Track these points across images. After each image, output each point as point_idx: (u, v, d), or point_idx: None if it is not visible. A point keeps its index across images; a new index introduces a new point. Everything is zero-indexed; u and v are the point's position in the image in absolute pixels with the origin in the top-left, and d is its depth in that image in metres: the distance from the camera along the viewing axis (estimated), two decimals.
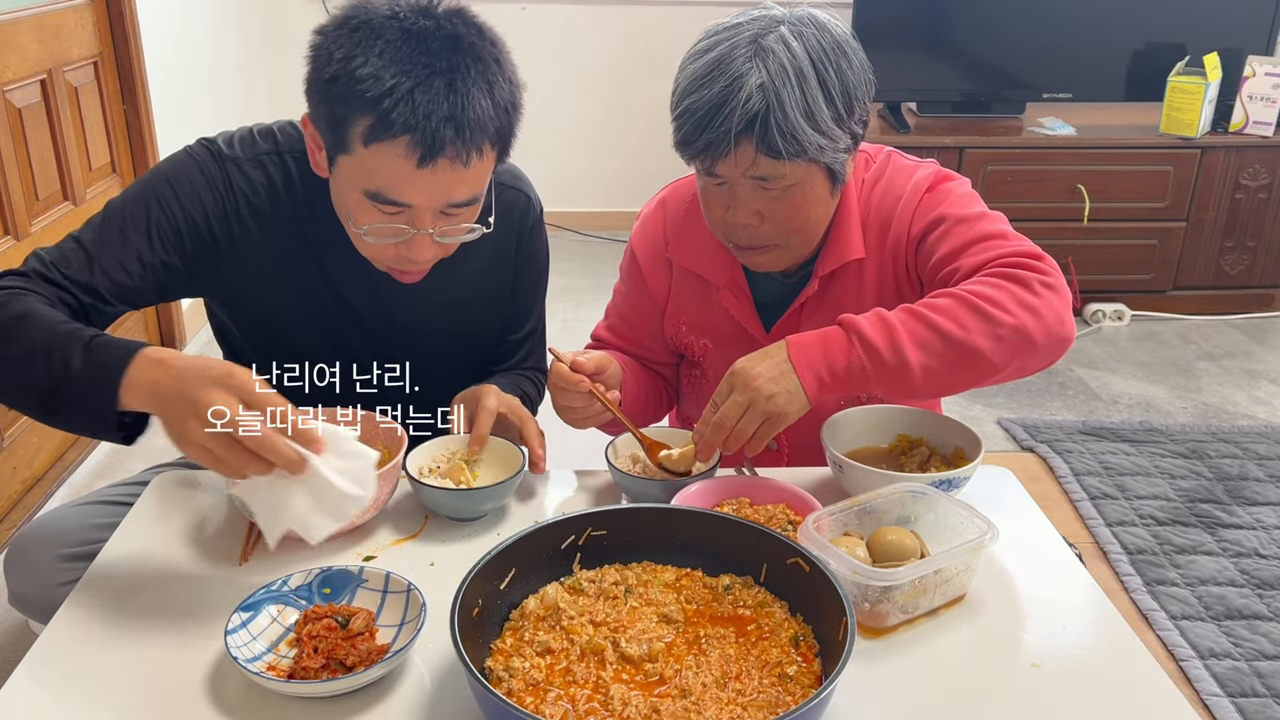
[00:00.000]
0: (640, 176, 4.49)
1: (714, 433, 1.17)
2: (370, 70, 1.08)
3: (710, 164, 1.25)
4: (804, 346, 1.17)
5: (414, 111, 1.07)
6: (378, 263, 1.24)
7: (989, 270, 1.21)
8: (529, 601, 0.99)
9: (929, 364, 1.15)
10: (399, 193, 1.13)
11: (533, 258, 1.46)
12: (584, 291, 3.74)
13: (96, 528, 1.27)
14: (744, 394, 1.15)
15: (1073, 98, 3.74)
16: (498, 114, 1.13)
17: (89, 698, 0.93)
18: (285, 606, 1.01)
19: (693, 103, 1.22)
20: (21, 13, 2.46)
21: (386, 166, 1.11)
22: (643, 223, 1.51)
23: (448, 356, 1.43)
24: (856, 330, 1.16)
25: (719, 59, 1.21)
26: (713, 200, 1.31)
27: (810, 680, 0.91)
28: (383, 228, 1.16)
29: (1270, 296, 3.84)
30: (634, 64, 4.32)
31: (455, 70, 1.09)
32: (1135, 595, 2.21)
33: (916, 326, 1.16)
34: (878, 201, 1.36)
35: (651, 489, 1.21)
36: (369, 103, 1.08)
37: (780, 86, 1.19)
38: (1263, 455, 2.79)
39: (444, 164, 1.10)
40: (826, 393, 1.17)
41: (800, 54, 1.20)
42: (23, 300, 1.12)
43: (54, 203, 2.60)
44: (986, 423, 2.99)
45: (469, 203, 1.17)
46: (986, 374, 1.18)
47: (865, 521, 1.11)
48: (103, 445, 2.71)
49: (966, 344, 1.15)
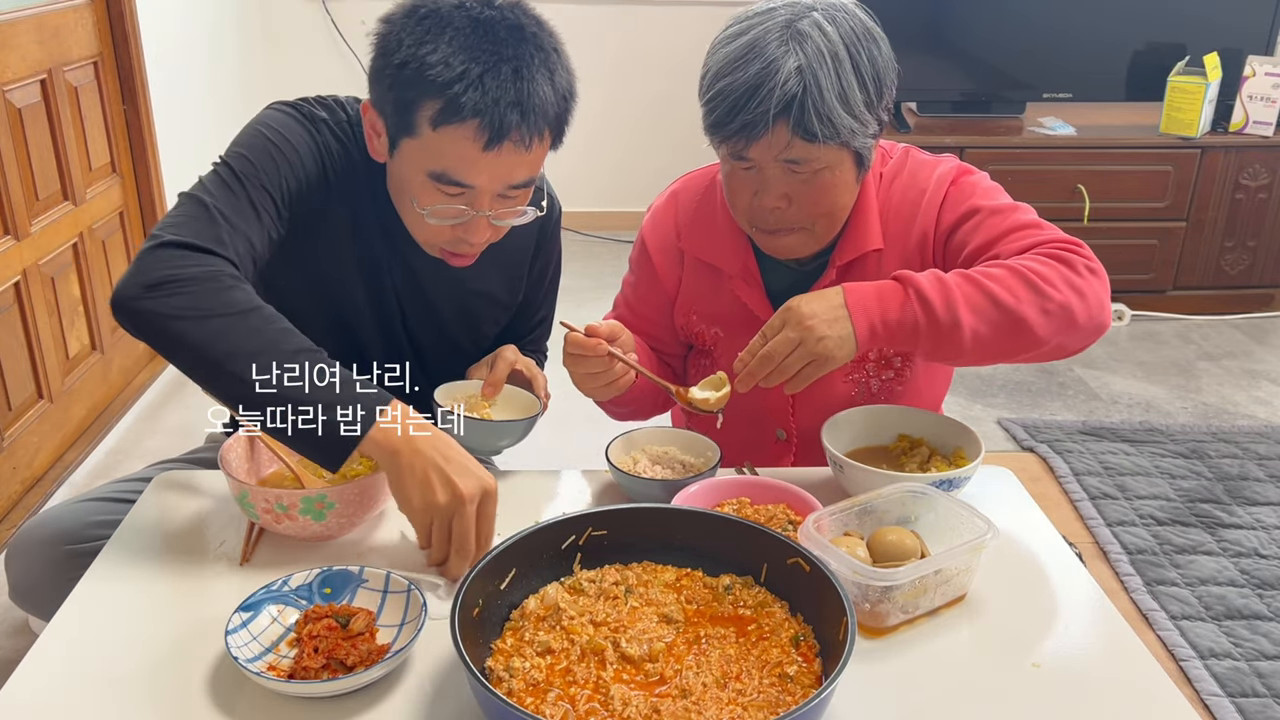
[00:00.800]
0: (640, 176, 4.50)
1: (760, 364, 1.17)
2: (440, 56, 1.13)
3: (743, 146, 1.24)
4: (860, 294, 1.19)
5: (483, 96, 1.13)
6: (431, 245, 1.29)
7: (1038, 251, 1.24)
8: (529, 601, 0.99)
9: (979, 328, 1.17)
10: (463, 174, 1.18)
11: (551, 255, 1.52)
12: (585, 291, 3.74)
13: (98, 524, 1.27)
14: (796, 331, 1.15)
15: (1073, 98, 3.74)
16: (558, 100, 1.19)
17: (89, 697, 0.93)
18: (285, 606, 1.01)
19: (727, 85, 1.22)
20: (21, 13, 2.46)
21: (454, 149, 1.16)
22: (654, 214, 1.51)
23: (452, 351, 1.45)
24: (914, 285, 1.18)
25: (753, 42, 1.22)
26: (739, 185, 1.31)
27: (810, 680, 0.91)
28: (444, 209, 1.21)
29: (1270, 296, 3.84)
30: (634, 64, 4.33)
31: (520, 58, 1.15)
32: (1135, 595, 2.21)
33: (971, 290, 1.18)
34: (899, 195, 1.37)
35: (651, 489, 1.21)
36: (439, 87, 1.13)
37: (817, 68, 1.20)
38: (1263, 455, 2.79)
39: (508, 147, 1.16)
40: (876, 342, 1.18)
41: (835, 38, 1.21)
42: (247, 289, 1.10)
43: (54, 203, 2.60)
44: (986, 423, 2.99)
45: (526, 185, 1.23)
46: (1030, 345, 1.20)
47: (865, 521, 1.11)
48: (102, 445, 2.72)
49: (1017, 313, 1.17)
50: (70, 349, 2.66)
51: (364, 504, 1.14)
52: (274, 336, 1.07)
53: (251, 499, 1.11)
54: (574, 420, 2.83)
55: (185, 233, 1.11)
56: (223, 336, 1.05)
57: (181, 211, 1.15)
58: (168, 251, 1.09)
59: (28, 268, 2.44)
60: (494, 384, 1.35)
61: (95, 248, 2.80)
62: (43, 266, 2.52)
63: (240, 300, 1.08)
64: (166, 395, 3.02)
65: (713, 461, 1.26)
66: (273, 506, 1.10)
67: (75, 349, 2.69)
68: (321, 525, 1.12)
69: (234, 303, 1.07)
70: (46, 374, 2.53)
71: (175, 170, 3.19)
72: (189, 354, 1.06)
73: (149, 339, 1.09)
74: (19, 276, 2.41)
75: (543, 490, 1.30)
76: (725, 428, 1.47)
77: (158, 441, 2.75)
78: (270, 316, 1.09)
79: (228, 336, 1.05)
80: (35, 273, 2.48)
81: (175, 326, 1.06)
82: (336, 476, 1.22)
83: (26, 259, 2.44)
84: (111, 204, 2.91)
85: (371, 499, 1.15)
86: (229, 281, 1.09)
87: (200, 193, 1.17)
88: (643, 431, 1.32)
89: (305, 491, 1.10)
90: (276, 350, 1.06)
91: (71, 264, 2.68)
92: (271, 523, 1.12)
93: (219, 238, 1.12)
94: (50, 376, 2.55)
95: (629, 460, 1.28)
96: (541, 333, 1.60)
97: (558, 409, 1.42)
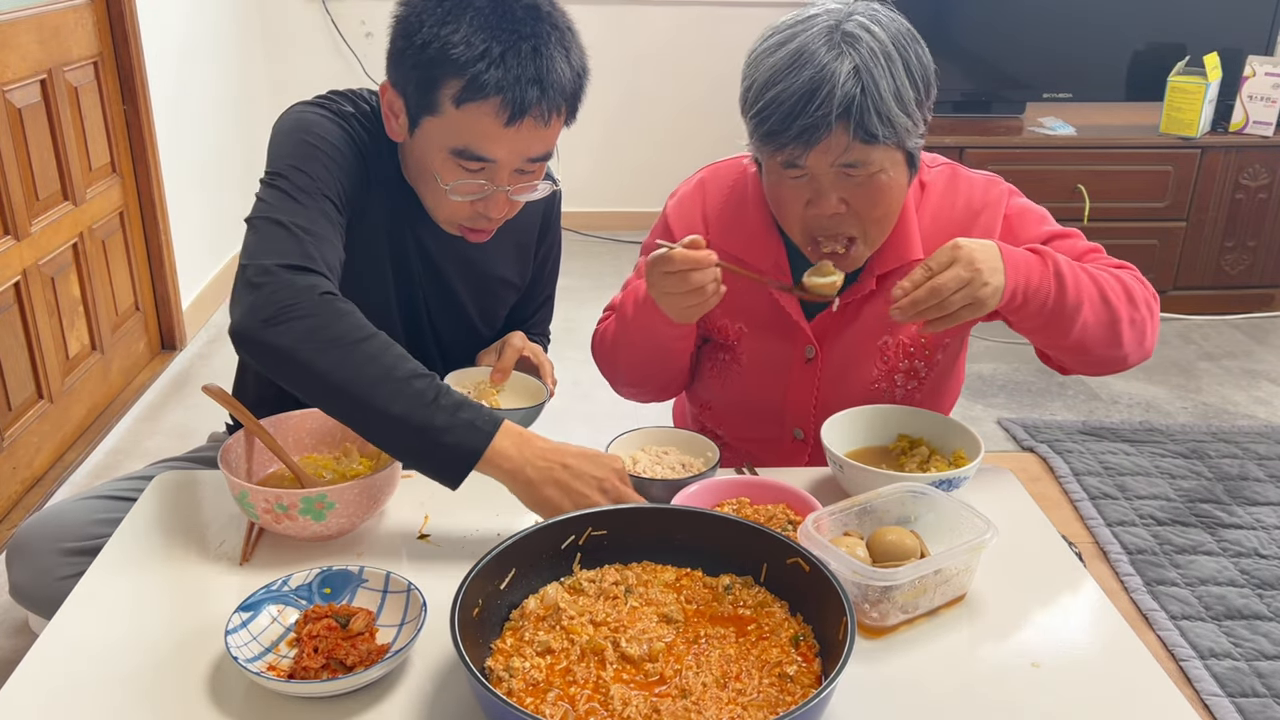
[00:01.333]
0: (640, 177, 4.51)
1: (929, 294, 1.17)
2: (462, 36, 1.17)
3: (800, 154, 1.23)
4: (1013, 254, 1.22)
5: (505, 74, 1.17)
6: (450, 222, 1.32)
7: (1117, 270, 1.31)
8: (529, 601, 0.99)
9: (1089, 319, 1.25)
10: (485, 149, 1.22)
11: (555, 236, 1.58)
12: (584, 291, 3.74)
13: (99, 522, 1.28)
14: (967, 270, 1.17)
15: (1073, 98, 3.74)
16: (574, 77, 1.23)
17: (89, 697, 0.93)
18: (285, 606, 1.01)
19: (779, 93, 1.21)
20: (21, 13, 2.46)
21: (477, 125, 1.20)
22: (679, 202, 1.48)
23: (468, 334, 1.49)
24: (1054, 262, 1.23)
25: (800, 49, 1.21)
26: (790, 195, 1.29)
27: (810, 680, 0.91)
28: (466, 184, 1.25)
29: (1270, 296, 3.84)
30: (633, 65, 4.33)
31: (539, 36, 1.19)
32: (1135, 595, 2.21)
33: (1088, 283, 1.25)
34: (946, 209, 1.37)
35: (652, 489, 1.21)
36: (462, 66, 1.17)
37: (874, 68, 1.19)
38: (1263, 455, 2.79)
39: (528, 123, 1.20)
40: (1013, 302, 1.22)
41: (884, 37, 1.21)
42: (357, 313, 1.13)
43: (54, 203, 2.60)
44: (986, 423, 2.98)
45: (542, 158, 1.27)
46: (1110, 348, 1.29)
47: (865, 521, 1.11)
48: (102, 445, 2.72)
49: (1118, 315, 1.27)
50: (70, 349, 2.66)
51: (364, 504, 1.14)
52: (390, 363, 1.09)
53: (251, 499, 1.11)
54: (573, 420, 2.83)
55: (281, 256, 1.13)
56: (342, 365, 1.08)
57: (265, 235, 1.16)
58: (276, 275, 1.11)
59: (28, 268, 2.44)
60: (503, 370, 1.40)
61: (95, 248, 2.80)
62: (43, 266, 2.52)
63: (354, 327, 1.10)
64: (166, 395, 3.02)
65: (713, 461, 1.26)
66: (273, 506, 1.10)
67: (75, 349, 2.69)
68: (321, 525, 1.12)
69: (349, 330, 1.10)
70: (46, 374, 2.53)
71: (175, 170, 3.19)
72: (312, 383, 1.09)
73: (272, 372, 1.11)
74: (19, 276, 2.41)
75: None
76: (740, 425, 1.47)
77: (158, 441, 2.75)
78: (385, 343, 1.11)
79: (347, 365, 1.08)
80: (35, 273, 2.48)
81: (297, 358, 1.08)
82: (336, 476, 1.22)
83: (26, 259, 2.44)
84: (111, 204, 2.91)
85: (371, 499, 1.15)
86: (341, 307, 1.11)
87: (271, 213, 1.18)
88: (642, 432, 1.32)
89: (305, 491, 1.10)
90: (392, 377, 1.08)
91: (71, 264, 2.68)
92: (271, 523, 1.12)
93: (309, 254, 1.14)
94: (50, 376, 2.55)
95: (629, 460, 1.28)
96: (545, 314, 1.64)
97: (557, 409, 1.42)
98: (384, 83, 1.27)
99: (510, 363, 1.42)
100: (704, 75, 4.34)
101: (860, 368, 1.40)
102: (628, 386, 1.50)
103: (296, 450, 1.26)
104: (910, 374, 1.42)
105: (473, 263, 1.44)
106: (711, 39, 4.30)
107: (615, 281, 4.29)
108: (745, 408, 1.47)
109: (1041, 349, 1.37)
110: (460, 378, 1.41)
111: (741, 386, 1.45)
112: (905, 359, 1.41)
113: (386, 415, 1.07)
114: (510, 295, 1.54)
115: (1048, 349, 1.36)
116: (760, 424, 1.46)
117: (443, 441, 1.07)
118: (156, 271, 3.17)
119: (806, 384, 1.42)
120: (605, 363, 1.49)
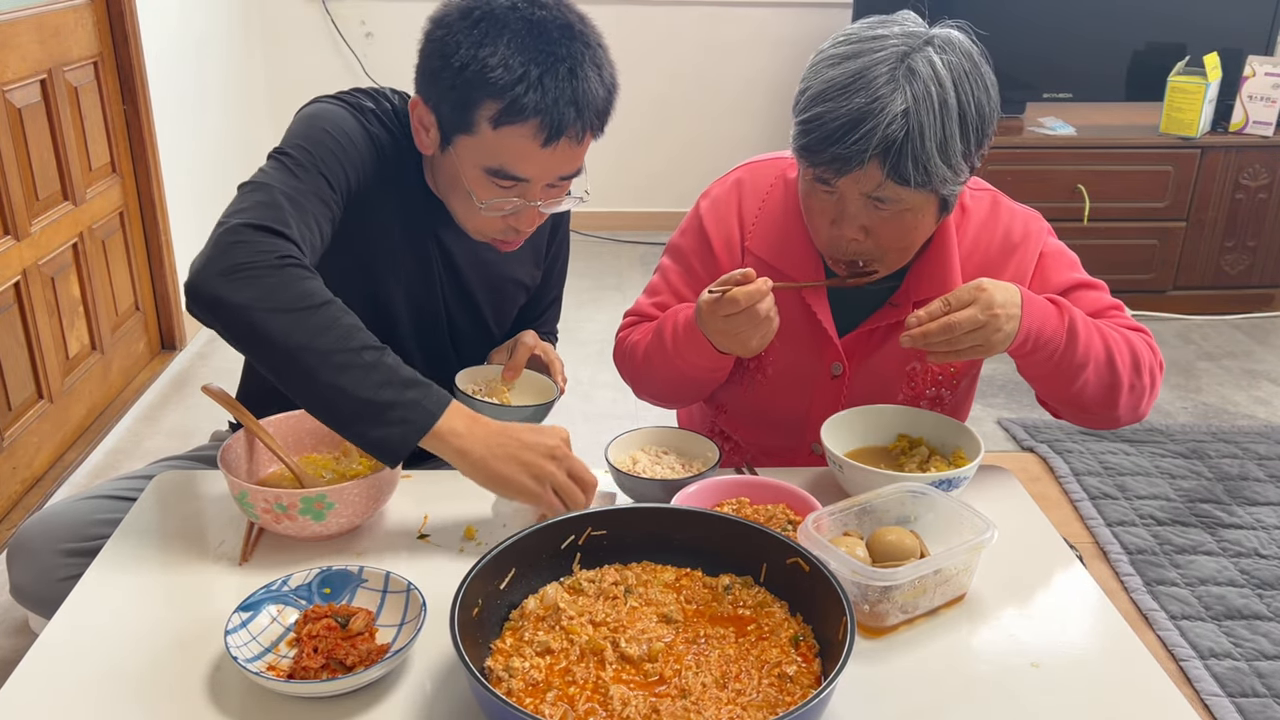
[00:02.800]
0: (640, 177, 4.50)
1: (941, 330, 1.17)
2: (500, 59, 1.18)
3: (831, 176, 1.22)
4: (1033, 302, 1.22)
5: (543, 97, 1.18)
6: (481, 233, 1.34)
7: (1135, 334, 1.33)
8: (529, 601, 0.99)
9: (1090, 378, 1.27)
10: (520, 169, 1.24)
11: (565, 236, 1.61)
12: (584, 291, 3.74)
13: (99, 522, 1.28)
14: (984, 313, 1.17)
15: (1073, 98, 3.75)
16: (606, 95, 1.25)
17: (89, 698, 0.93)
18: (285, 606, 1.01)
19: (826, 112, 1.18)
20: (21, 13, 2.46)
21: (514, 146, 1.22)
22: (714, 202, 1.45)
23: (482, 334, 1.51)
24: (1070, 317, 1.24)
25: (861, 71, 1.17)
26: (818, 206, 1.28)
27: (810, 680, 0.91)
28: (499, 201, 1.27)
29: (1270, 296, 3.84)
30: (632, 66, 4.32)
31: (574, 57, 1.20)
32: (1135, 595, 2.21)
33: (1100, 346, 1.26)
34: (985, 241, 1.37)
35: (652, 489, 1.21)
36: (501, 89, 1.18)
37: (924, 115, 1.16)
38: (1263, 455, 2.79)
39: (564, 143, 1.22)
40: (1023, 348, 1.22)
41: (947, 82, 1.18)
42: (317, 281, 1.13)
43: (54, 203, 2.60)
44: (986, 423, 2.98)
45: (574, 175, 1.30)
46: (1106, 408, 1.31)
47: (865, 521, 1.11)
48: (102, 445, 2.72)
49: (1118, 380, 1.28)
50: (70, 349, 2.67)
51: (364, 504, 1.14)
52: (342, 333, 1.09)
53: (251, 499, 1.11)
54: (573, 421, 2.83)
55: (254, 215, 1.13)
56: (292, 331, 1.07)
57: (247, 197, 1.16)
58: (241, 233, 1.10)
59: (28, 268, 2.44)
60: (514, 369, 1.43)
61: (95, 248, 2.80)
62: (43, 266, 2.52)
63: (311, 293, 1.10)
64: (166, 395, 3.02)
65: (712, 461, 1.26)
66: (272, 506, 1.10)
67: (75, 349, 2.69)
68: (321, 525, 1.12)
69: (305, 295, 1.09)
70: (46, 374, 2.53)
71: (175, 170, 3.19)
72: (259, 345, 1.08)
73: (223, 328, 1.10)
74: (19, 276, 2.41)
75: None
76: (757, 433, 1.46)
77: (157, 441, 2.75)
78: (339, 311, 1.11)
79: (297, 331, 1.07)
80: (35, 273, 2.48)
81: (248, 317, 1.07)
82: (336, 476, 1.22)
83: (26, 259, 2.44)
84: (111, 204, 2.91)
85: (371, 499, 1.15)
86: (302, 272, 1.11)
87: (263, 179, 1.19)
88: (642, 432, 1.32)
89: (305, 491, 1.10)
90: (344, 347, 1.08)
91: (71, 264, 2.68)
92: (271, 523, 1.12)
93: (284, 220, 1.14)
94: (50, 376, 2.55)
95: (628, 460, 1.28)
96: (553, 313, 1.66)
97: (556, 409, 1.42)
98: (415, 98, 1.28)
99: (522, 361, 1.44)
100: (705, 77, 4.34)
101: (886, 390, 1.39)
102: (652, 398, 1.49)
103: (296, 450, 1.26)
104: (934, 401, 1.42)
105: (489, 264, 1.46)
106: (714, 41, 4.30)
107: (615, 281, 4.31)
108: (766, 417, 1.46)
109: (1040, 396, 1.38)
110: (473, 375, 1.43)
111: (764, 396, 1.44)
112: (932, 386, 1.41)
113: (333, 385, 1.07)
114: (521, 295, 1.55)
115: (1046, 397, 1.36)
116: (778, 434, 1.45)
117: (389, 416, 1.07)
118: (156, 271, 3.17)
119: (830, 400, 1.40)
120: (632, 376, 1.47)
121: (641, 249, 4.34)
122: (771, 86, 4.35)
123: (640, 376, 1.45)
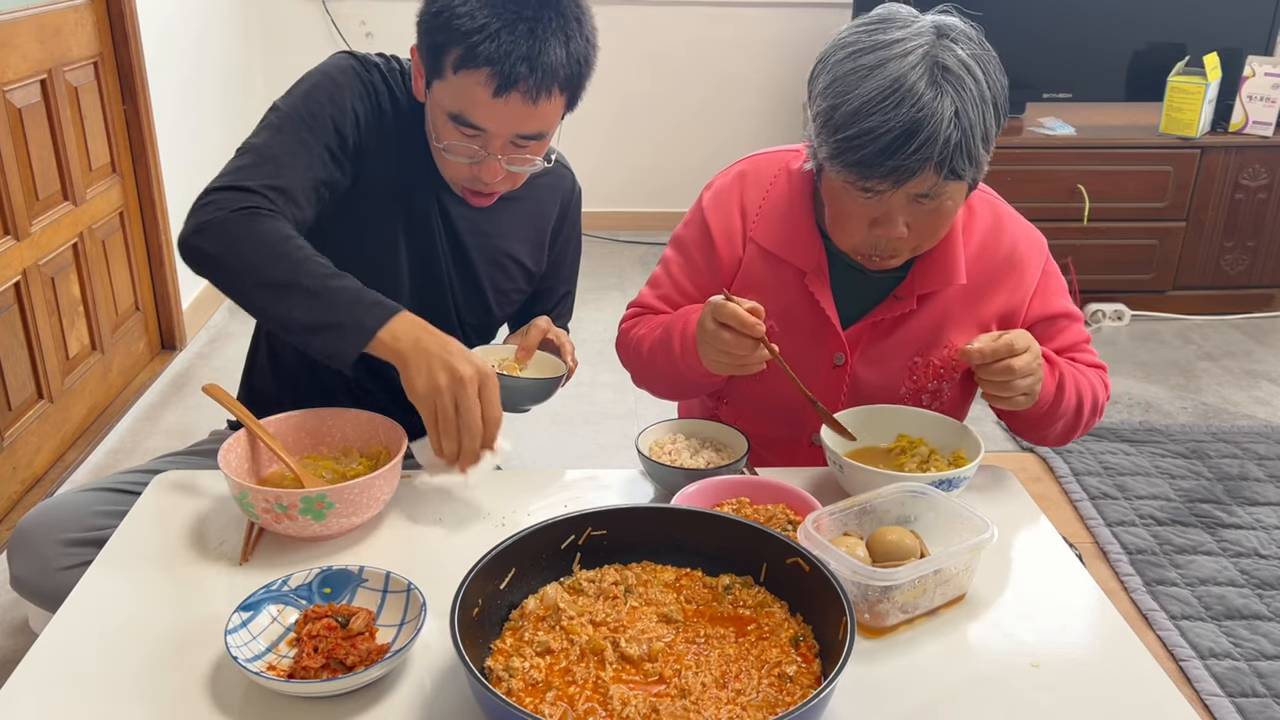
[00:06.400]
0: (640, 177, 4.51)
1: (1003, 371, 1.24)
2: (468, 9, 1.25)
3: (889, 188, 1.21)
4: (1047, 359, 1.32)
5: (497, 48, 1.24)
6: (455, 182, 1.40)
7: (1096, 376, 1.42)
8: (529, 601, 0.99)
9: (1057, 424, 1.38)
10: (476, 116, 1.29)
11: (574, 228, 1.65)
12: (584, 291, 3.71)
13: (100, 514, 1.28)
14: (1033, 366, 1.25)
15: (1073, 98, 3.74)
16: (570, 64, 1.28)
17: (89, 697, 0.93)
18: (285, 606, 1.01)
19: (875, 126, 1.16)
20: (21, 13, 2.46)
21: (468, 92, 1.27)
22: (716, 194, 1.45)
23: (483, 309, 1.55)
24: (1060, 374, 1.34)
25: (897, 81, 1.16)
26: (855, 212, 1.27)
27: (810, 680, 0.91)
28: (460, 146, 1.32)
29: (1270, 296, 3.84)
30: (632, 66, 4.33)
31: (538, 19, 1.25)
32: (1135, 595, 2.21)
33: (1073, 398, 1.35)
34: (992, 248, 1.39)
35: (680, 479, 1.22)
36: (462, 35, 1.25)
37: (970, 112, 1.18)
38: (1263, 455, 2.79)
39: (515, 98, 1.26)
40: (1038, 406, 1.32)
41: (977, 73, 1.19)
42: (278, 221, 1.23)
43: (54, 203, 2.60)
44: (986, 423, 2.98)
45: (535, 137, 1.33)
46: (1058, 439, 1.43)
47: (865, 521, 1.11)
48: (102, 445, 2.72)
49: (1076, 424, 1.40)
50: (70, 349, 2.67)
51: (364, 504, 1.14)
52: (301, 259, 1.19)
53: (251, 499, 1.11)
54: (573, 421, 2.82)
55: (228, 178, 1.26)
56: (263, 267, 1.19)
57: (231, 162, 1.30)
58: (210, 195, 1.24)
59: (28, 268, 2.44)
60: (527, 348, 1.47)
61: (95, 248, 2.80)
62: (43, 266, 2.52)
63: (270, 231, 1.21)
64: (166, 395, 3.02)
65: (740, 453, 1.29)
66: (272, 506, 1.10)
67: (75, 349, 2.69)
68: (321, 525, 1.12)
69: (265, 234, 1.20)
70: (46, 374, 2.53)
71: (175, 170, 3.19)
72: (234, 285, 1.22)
73: (205, 275, 1.23)
74: (19, 276, 2.41)
75: (542, 490, 1.30)
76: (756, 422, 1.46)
77: (157, 441, 2.75)
78: (299, 245, 1.21)
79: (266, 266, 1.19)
80: (35, 273, 2.48)
81: (223, 264, 1.21)
82: (336, 476, 1.22)
83: (26, 259, 2.44)
84: (111, 204, 2.91)
85: (371, 499, 1.15)
86: (258, 216, 1.22)
87: (250, 140, 1.31)
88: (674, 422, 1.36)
89: (305, 491, 1.10)
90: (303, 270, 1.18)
91: (71, 264, 2.68)
92: (271, 523, 1.12)
93: (251, 175, 1.26)
94: (50, 376, 2.55)
95: (659, 449, 1.30)
96: (565, 309, 1.71)
97: (557, 410, 1.42)
98: (413, 45, 1.35)
99: (535, 341, 1.49)
100: (704, 77, 4.34)
101: (888, 382, 1.40)
102: (652, 392, 1.52)
103: (296, 450, 1.26)
104: (935, 394, 1.42)
105: (488, 235, 1.50)
106: (712, 40, 4.30)
107: (615, 281, 4.31)
108: (765, 406, 1.46)
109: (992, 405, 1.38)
110: (486, 353, 1.48)
111: (764, 384, 1.43)
112: (934, 379, 1.41)
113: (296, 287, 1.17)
114: (521, 276, 1.57)
115: (1011, 424, 1.44)
116: (777, 424, 1.46)
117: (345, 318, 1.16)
118: (156, 271, 3.17)
119: (831, 390, 1.41)
120: (634, 369, 1.50)
121: (641, 249, 4.34)
122: (771, 86, 4.35)
123: (643, 371, 1.47)
